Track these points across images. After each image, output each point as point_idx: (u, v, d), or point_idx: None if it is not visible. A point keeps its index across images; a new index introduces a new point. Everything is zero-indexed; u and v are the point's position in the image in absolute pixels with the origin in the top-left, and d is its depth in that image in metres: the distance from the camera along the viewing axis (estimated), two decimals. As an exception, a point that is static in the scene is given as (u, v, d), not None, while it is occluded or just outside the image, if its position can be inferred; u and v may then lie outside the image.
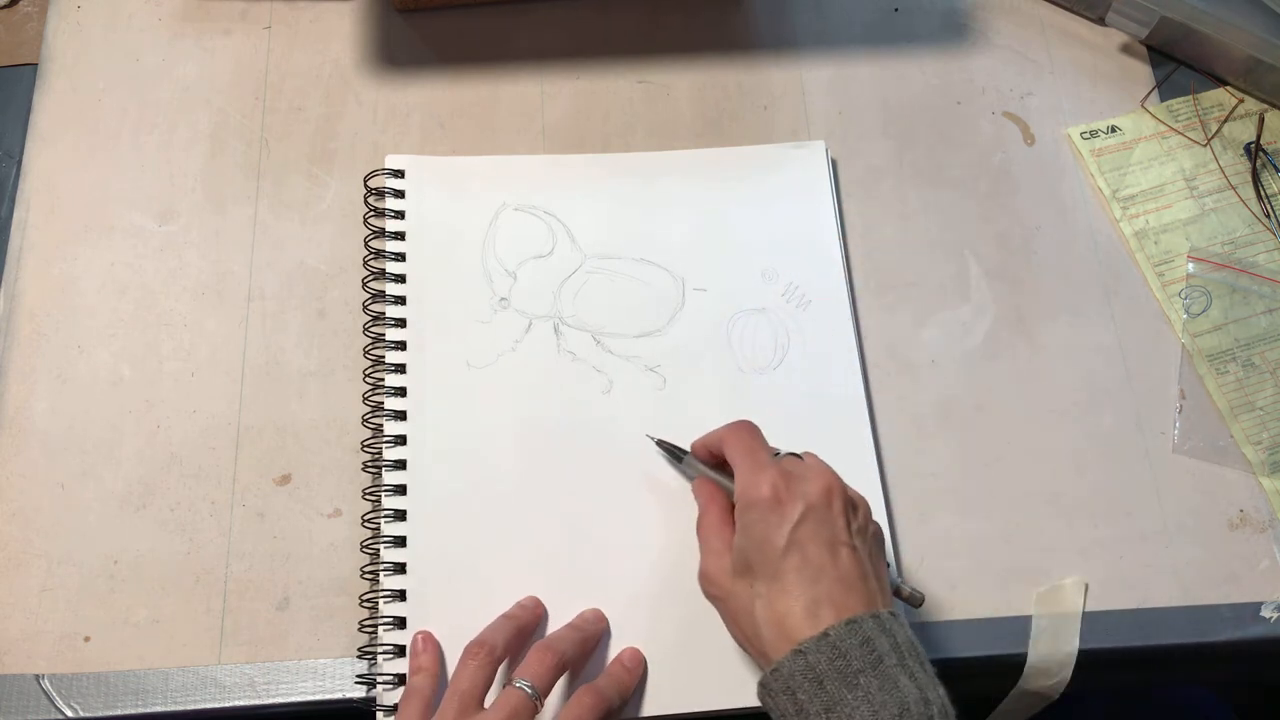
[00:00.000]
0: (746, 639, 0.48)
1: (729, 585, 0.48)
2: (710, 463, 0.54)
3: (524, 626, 0.52)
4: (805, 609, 0.45)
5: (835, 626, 0.44)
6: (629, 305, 0.61)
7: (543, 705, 0.48)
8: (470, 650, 0.49)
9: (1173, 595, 0.57)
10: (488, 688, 0.49)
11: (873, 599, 0.46)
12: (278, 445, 0.58)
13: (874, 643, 0.44)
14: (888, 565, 0.51)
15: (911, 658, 0.44)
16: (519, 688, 0.48)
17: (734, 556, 0.48)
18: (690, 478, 0.55)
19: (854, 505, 0.49)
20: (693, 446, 0.55)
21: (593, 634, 0.53)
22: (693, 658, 0.54)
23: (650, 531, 0.56)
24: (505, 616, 0.52)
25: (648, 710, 0.53)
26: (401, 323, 0.59)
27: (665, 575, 0.55)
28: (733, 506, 0.50)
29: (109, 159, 0.64)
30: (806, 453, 0.52)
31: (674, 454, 0.56)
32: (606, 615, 0.54)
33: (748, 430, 0.52)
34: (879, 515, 0.57)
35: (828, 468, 0.50)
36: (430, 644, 0.52)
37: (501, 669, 0.51)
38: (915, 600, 0.52)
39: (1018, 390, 0.61)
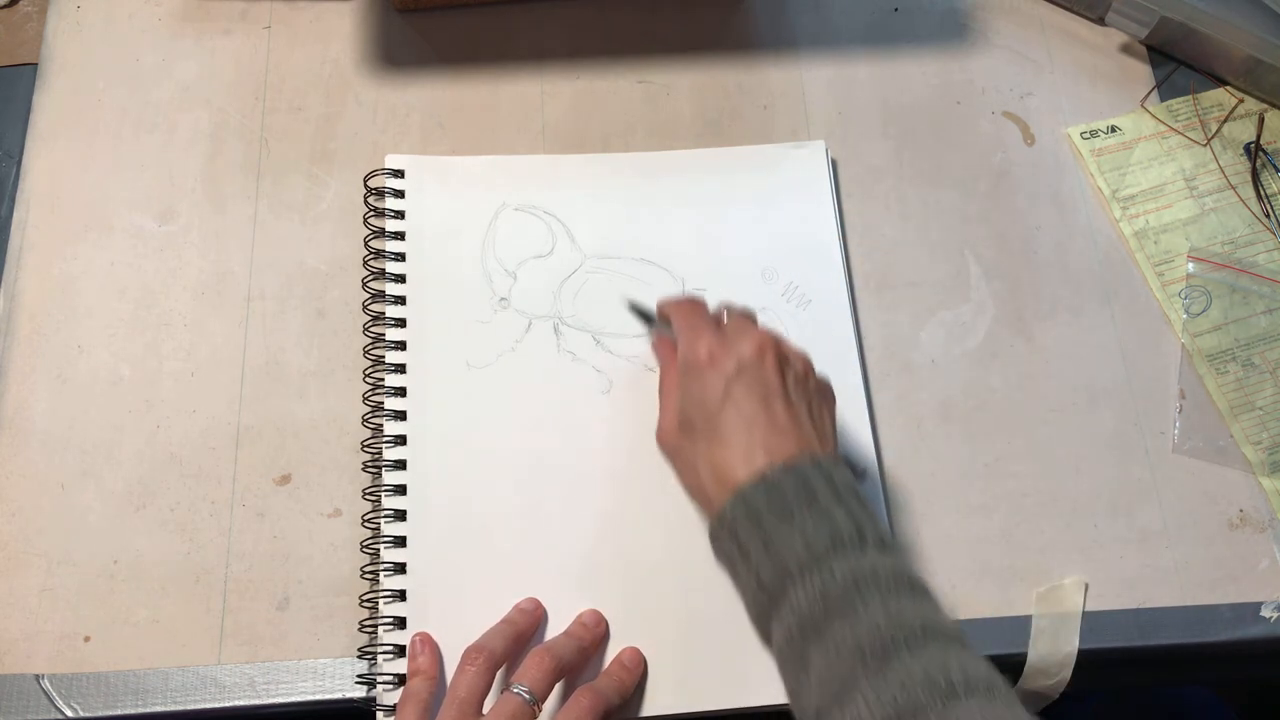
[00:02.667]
0: (696, 492, 0.50)
1: (676, 440, 0.51)
2: (666, 329, 0.56)
3: (522, 632, 0.52)
4: (743, 457, 0.47)
5: (772, 468, 0.46)
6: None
7: (540, 710, 0.49)
8: (468, 655, 0.49)
9: (1173, 595, 0.57)
10: (486, 693, 0.49)
11: (809, 443, 0.48)
12: (278, 445, 0.58)
13: (810, 481, 0.45)
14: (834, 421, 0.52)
15: (849, 495, 0.46)
16: (516, 693, 0.48)
17: (678, 416, 0.50)
18: (665, 336, 0.57)
19: (789, 360, 0.50)
20: (657, 305, 0.57)
21: (591, 638, 0.53)
22: (693, 658, 0.54)
23: (650, 531, 0.56)
24: (504, 621, 0.52)
25: (648, 710, 0.53)
26: (401, 323, 0.59)
27: (665, 574, 0.55)
28: None
29: (109, 159, 0.64)
30: (748, 312, 0.55)
31: (645, 318, 0.58)
32: (606, 614, 0.54)
33: (690, 302, 0.54)
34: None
35: (764, 329, 0.51)
36: (429, 646, 0.52)
37: (500, 674, 0.51)
38: (865, 476, 0.55)
39: (1018, 390, 0.61)
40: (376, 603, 0.54)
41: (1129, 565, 0.58)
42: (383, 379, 0.58)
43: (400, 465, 0.56)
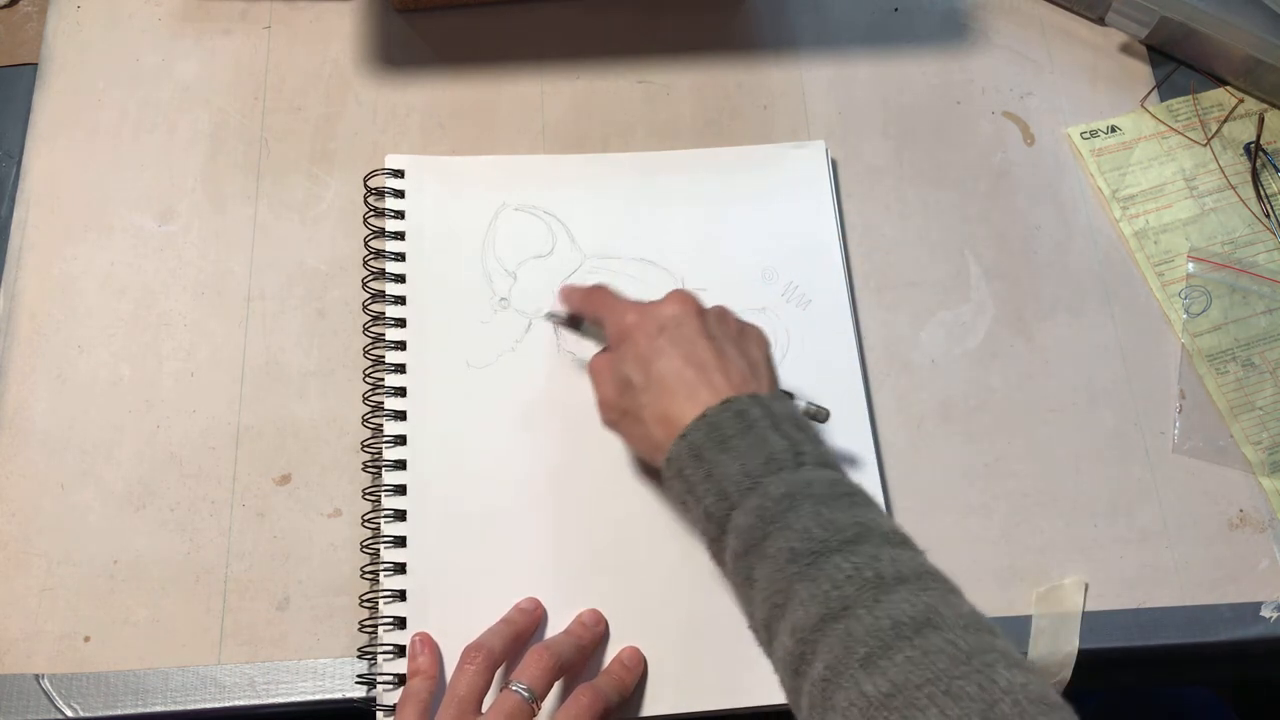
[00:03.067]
0: (647, 450, 0.51)
1: (619, 403, 0.51)
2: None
3: (522, 631, 0.52)
4: (683, 402, 0.48)
5: (711, 407, 0.47)
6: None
7: (539, 708, 0.49)
8: (468, 654, 0.50)
9: (1173, 595, 0.57)
10: (485, 692, 0.49)
11: (742, 380, 0.49)
12: (278, 445, 0.58)
13: (747, 414, 0.46)
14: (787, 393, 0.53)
15: (786, 422, 0.47)
16: (515, 691, 0.48)
17: (615, 383, 0.51)
18: (597, 338, 0.57)
19: (710, 314, 0.52)
20: (568, 300, 0.57)
21: (591, 638, 0.53)
22: (693, 658, 0.54)
23: (650, 530, 0.56)
24: (503, 621, 0.52)
25: (648, 710, 0.53)
26: (401, 323, 0.59)
27: (665, 574, 0.55)
28: None
29: (109, 159, 0.64)
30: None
31: (570, 323, 0.58)
32: (606, 614, 0.54)
33: (601, 289, 0.55)
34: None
35: (681, 293, 0.52)
36: (428, 646, 0.52)
37: (500, 673, 0.51)
38: (821, 416, 0.54)
39: (1018, 390, 0.61)
40: (376, 603, 0.54)
41: (1129, 565, 0.58)
42: (383, 379, 0.58)
43: (400, 465, 0.56)
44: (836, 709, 0.39)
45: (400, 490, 0.56)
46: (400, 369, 0.58)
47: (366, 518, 0.56)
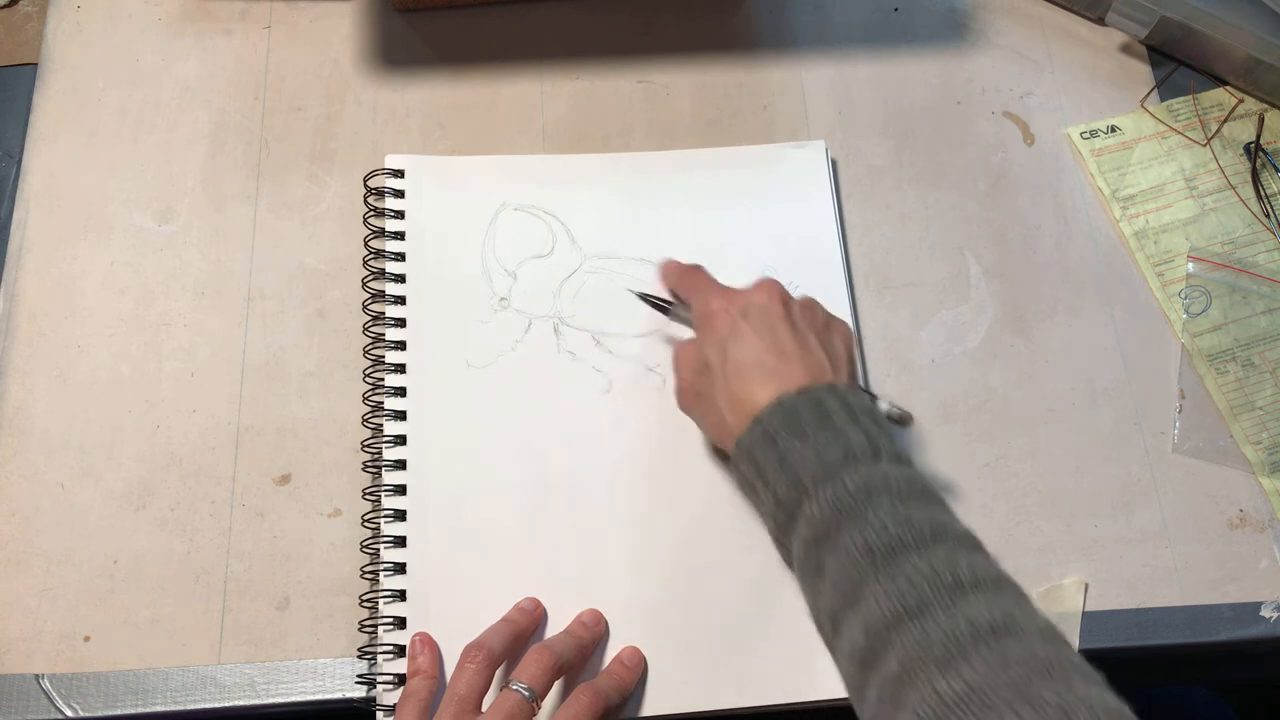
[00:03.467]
0: (718, 433, 0.51)
1: (695, 383, 0.52)
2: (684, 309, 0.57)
3: (522, 630, 0.52)
4: (759, 386, 0.48)
5: (787, 393, 0.47)
6: (629, 305, 0.61)
7: (539, 707, 0.49)
8: (468, 653, 0.49)
9: (1173, 595, 0.57)
10: (485, 691, 0.49)
11: (821, 369, 0.49)
12: (278, 445, 0.58)
13: (824, 404, 0.47)
14: (874, 399, 0.53)
15: (864, 415, 0.47)
16: (515, 690, 0.48)
17: (696, 363, 0.52)
18: (687, 323, 0.57)
19: (796, 301, 0.52)
20: (662, 276, 0.58)
21: (591, 637, 0.53)
22: (693, 658, 0.54)
23: (650, 530, 0.56)
24: (503, 620, 0.52)
25: (648, 710, 0.53)
26: (401, 323, 0.59)
27: (666, 574, 0.55)
28: None
29: (109, 159, 0.64)
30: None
31: (657, 304, 0.58)
32: (606, 614, 0.54)
33: (694, 269, 0.56)
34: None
35: (770, 280, 0.53)
36: (428, 645, 0.52)
37: (500, 672, 0.51)
38: (904, 421, 0.54)
39: (1018, 390, 0.61)
40: (376, 603, 0.54)
41: (1129, 565, 0.58)
42: (383, 379, 0.58)
43: (400, 465, 0.56)
44: (907, 706, 0.39)
45: (400, 490, 0.56)
46: (400, 369, 0.58)
47: (366, 518, 0.56)
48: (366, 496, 0.56)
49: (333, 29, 0.68)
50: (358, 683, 0.53)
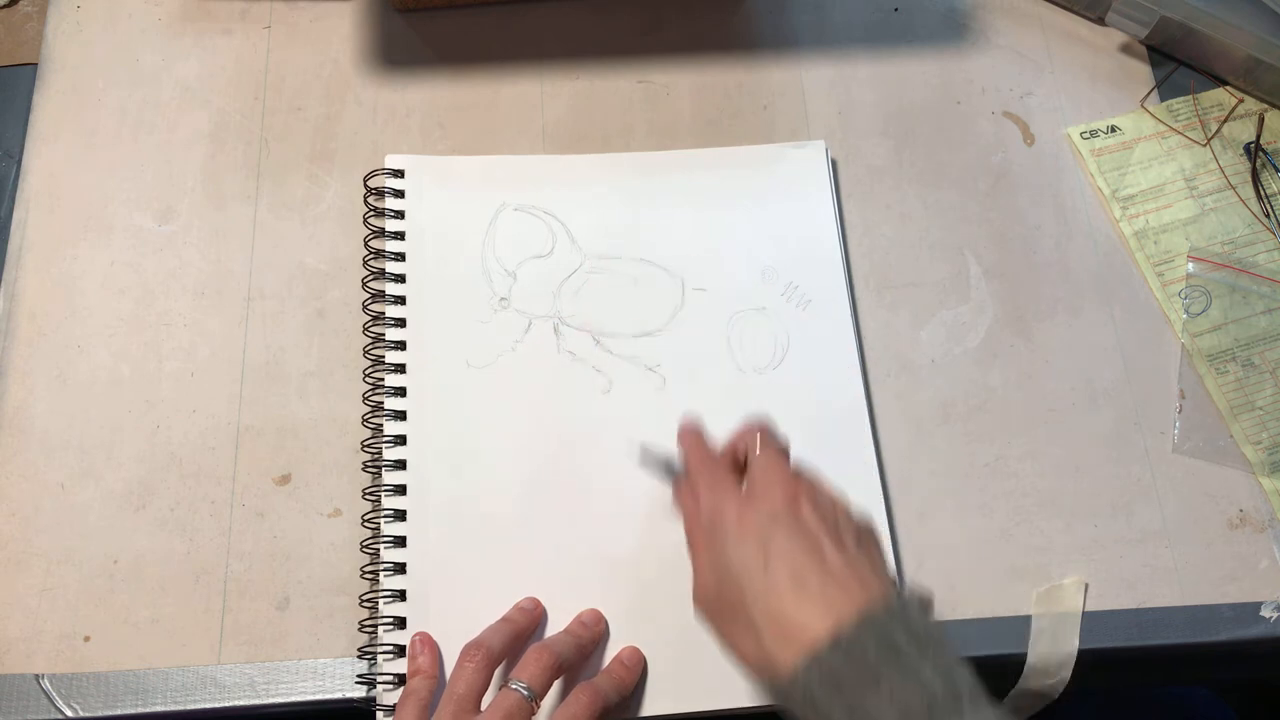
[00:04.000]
0: (750, 658, 0.45)
1: (719, 608, 0.46)
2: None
3: (521, 630, 0.52)
4: (808, 614, 0.43)
5: (844, 626, 0.42)
6: (629, 305, 0.61)
7: (539, 707, 0.48)
8: (467, 652, 0.49)
9: (1173, 595, 0.57)
10: (484, 690, 0.49)
11: (873, 590, 0.43)
12: (278, 445, 0.58)
13: (890, 636, 0.41)
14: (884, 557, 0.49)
15: (931, 644, 0.42)
16: (514, 689, 0.48)
17: (716, 581, 0.46)
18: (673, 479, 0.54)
19: (823, 504, 0.47)
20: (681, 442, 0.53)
21: (590, 637, 0.53)
22: (693, 658, 0.53)
23: (650, 531, 0.56)
24: (503, 620, 0.52)
25: (648, 710, 0.53)
26: (401, 323, 0.59)
27: (665, 574, 0.55)
28: None
29: (109, 159, 0.64)
30: (770, 450, 0.50)
31: (659, 463, 0.54)
32: (606, 614, 0.54)
33: (699, 448, 0.51)
34: (879, 515, 0.57)
35: (789, 474, 0.48)
36: (428, 645, 0.52)
37: (499, 672, 0.50)
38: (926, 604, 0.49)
39: (1018, 390, 0.61)
40: (376, 603, 0.54)
41: (1129, 565, 0.58)
42: (383, 379, 0.58)
43: (400, 465, 0.56)
44: None
45: (400, 490, 0.56)
46: (400, 369, 0.58)
47: (366, 518, 0.56)
48: (366, 496, 0.56)
49: (333, 29, 0.68)
50: (358, 683, 0.53)
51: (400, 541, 0.55)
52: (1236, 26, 0.65)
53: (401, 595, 0.54)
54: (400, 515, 0.55)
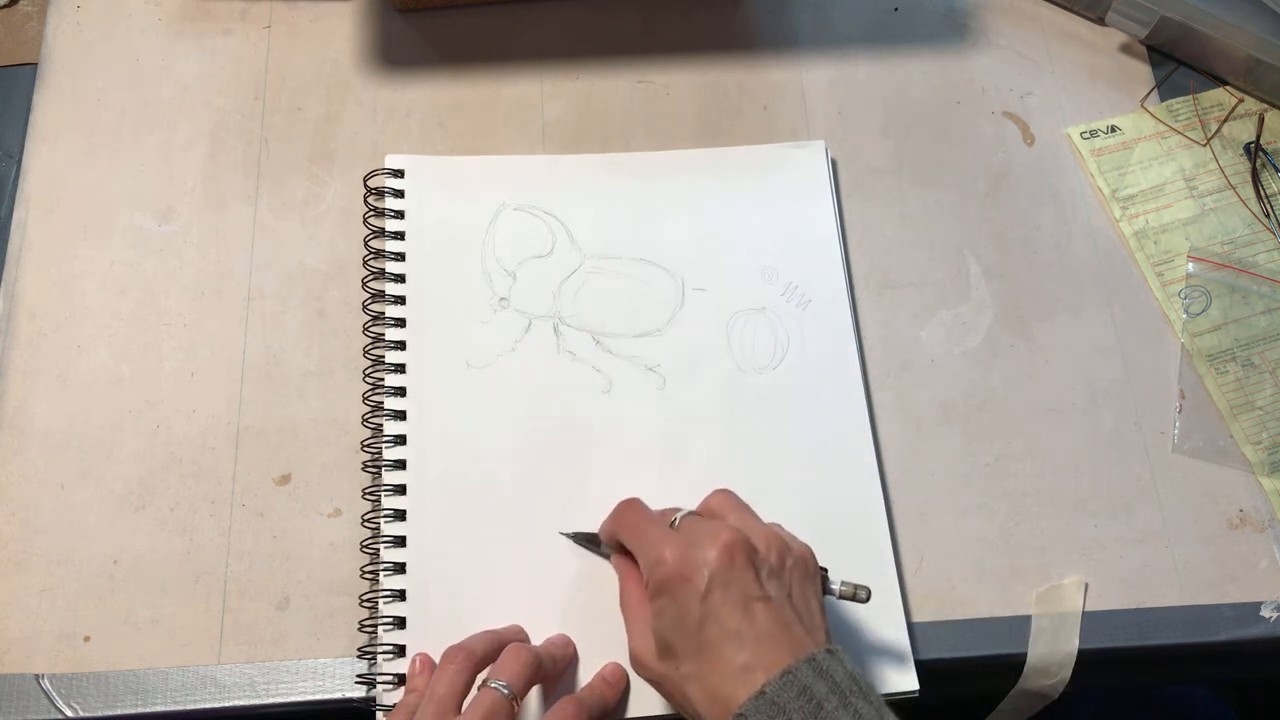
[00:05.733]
0: (689, 712, 0.47)
1: (659, 668, 0.48)
2: (619, 549, 0.53)
3: (505, 637, 0.52)
4: (736, 676, 0.44)
5: (770, 682, 0.43)
6: (629, 305, 0.61)
7: (520, 706, 0.48)
8: (448, 655, 0.49)
9: (1173, 595, 0.57)
10: (466, 692, 0.48)
11: (800, 644, 0.45)
12: (278, 445, 0.58)
13: (811, 690, 0.43)
14: (824, 577, 0.50)
15: (854, 694, 0.43)
16: (494, 687, 0.47)
17: (655, 640, 0.48)
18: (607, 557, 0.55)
19: (760, 552, 0.47)
20: (600, 532, 0.54)
21: (563, 655, 0.52)
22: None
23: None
24: (487, 630, 0.52)
25: (633, 711, 0.52)
26: (401, 322, 0.59)
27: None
28: None
29: (109, 159, 0.64)
30: (710, 499, 0.51)
31: (589, 541, 0.55)
32: (602, 612, 0.54)
33: (631, 509, 0.52)
34: (879, 515, 0.57)
35: (722, 524, 0.48)
36: (427, 667, 0.52)
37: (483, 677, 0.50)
38: (860, 597, 0.50)
39: (1018, 390, 0.61)
40: (376, 602, 0.54)
41: (1129, 565, 0.58)
42: (382, 379, 0.58)
43: (400, 465, 0.56)
44: None
45: (400, 490, 0.56)
46: (400, 369, 0.58)
47: (366, 518, 0.56)
48: (366, 496, 0.56)
49: (333, 29, 0.68)
50: (357, 683, 0.53)
51: (400, 541, 0.55)
52: (1236, 26, 0.65)
53: (401, 595, 0.54)
54: (400, 515, 0.55)
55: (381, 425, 0.57)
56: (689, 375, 0.60)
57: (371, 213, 0.62)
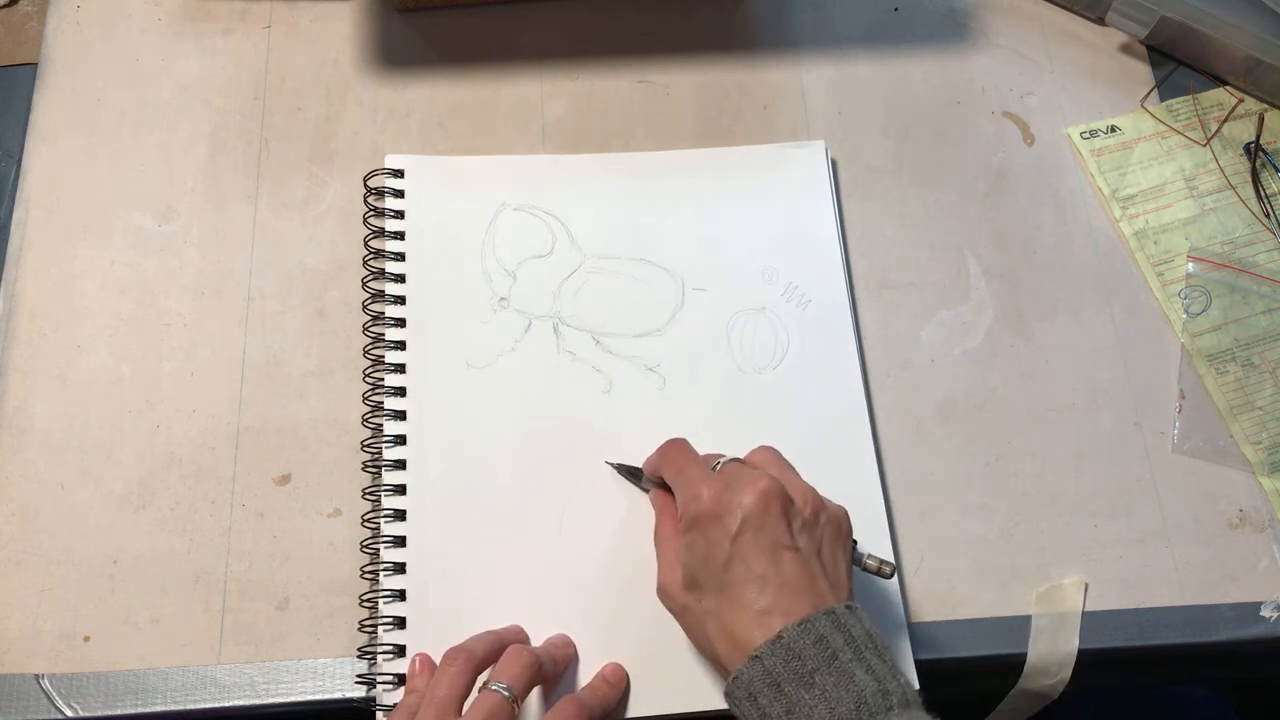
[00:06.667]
0: (706, 651, 0.48)
1: (682, 599, 0.49)
2: (659, 483, 0.54)
3: (505, 639, 0.52)
4: (754, 619, 0.45)
5: (788, 628, 0.44)
6: (629, 305, 0.61)
7: (520, 708, 0.48)
8: (449, 656, 0.49)
9: (1173, 595, 0.57)
10: (466, 693, 0.48)
11: (823, 597, 0.46)
12: (278, 445, 0.58)
13: (828, 640, 0.44)
14: (854, 547, 0.50)
15: (869, 650, 0.44)
16: (494, 689, 0.47)
17: (682, 573, 0.49)
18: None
19: (795, 504, 0.48)
20: (645, 466, 0.55)
21: (562, 655, 0.52)
22: (686, 659, 0.53)
23: (649, 529, 0.56)
24: (488, 630, 0.52)
25: (634, 711, 0.52)
26: (401, 322, 0.59)
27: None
28: None
29: (109, 159, 0.64)
30: (754, 452, 0.52)
31: (632, 474, 0.56)
32: (601, 612, 0.54)
33: (677, 448, 0.52)
34: (879, 515, 0.57)
35: (763, 473, 0.49)
36: (427, 667, 0.52)
37: (482, 678, 0.50)
38: (885, 572, 0.51)
39: (1018, 390, 0.61)
40: (376, 602, 0.54)
41: (1129, 565, 0.58)
42: (382, 379, 0.58)
43: (400, 465, 0.56)
44: None
45: (400, 490, 0.56)
46: (400, 369, 0.58)
47: (366, 518, 0.56)
48: (366, 496, 0.56)
49: (333, 29, 0.68)
50: (357, 683, 0.53)
51: (400, 541, 0.55)
52: (1236, 26, 0.65)
53: (401, 595, 0.54)
54: (400, 515, 0.55)
55: (381, 425, 0.57)
56: (689, 375, 0.60)
57: (371, 213, 0.62)
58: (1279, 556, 0.58)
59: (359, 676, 0.53)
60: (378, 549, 0.55)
